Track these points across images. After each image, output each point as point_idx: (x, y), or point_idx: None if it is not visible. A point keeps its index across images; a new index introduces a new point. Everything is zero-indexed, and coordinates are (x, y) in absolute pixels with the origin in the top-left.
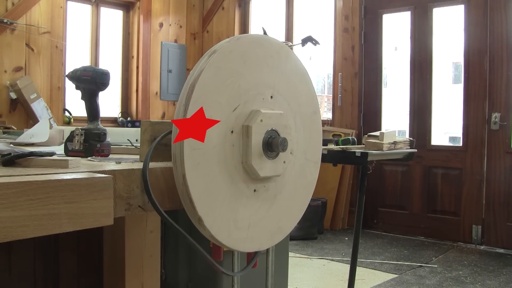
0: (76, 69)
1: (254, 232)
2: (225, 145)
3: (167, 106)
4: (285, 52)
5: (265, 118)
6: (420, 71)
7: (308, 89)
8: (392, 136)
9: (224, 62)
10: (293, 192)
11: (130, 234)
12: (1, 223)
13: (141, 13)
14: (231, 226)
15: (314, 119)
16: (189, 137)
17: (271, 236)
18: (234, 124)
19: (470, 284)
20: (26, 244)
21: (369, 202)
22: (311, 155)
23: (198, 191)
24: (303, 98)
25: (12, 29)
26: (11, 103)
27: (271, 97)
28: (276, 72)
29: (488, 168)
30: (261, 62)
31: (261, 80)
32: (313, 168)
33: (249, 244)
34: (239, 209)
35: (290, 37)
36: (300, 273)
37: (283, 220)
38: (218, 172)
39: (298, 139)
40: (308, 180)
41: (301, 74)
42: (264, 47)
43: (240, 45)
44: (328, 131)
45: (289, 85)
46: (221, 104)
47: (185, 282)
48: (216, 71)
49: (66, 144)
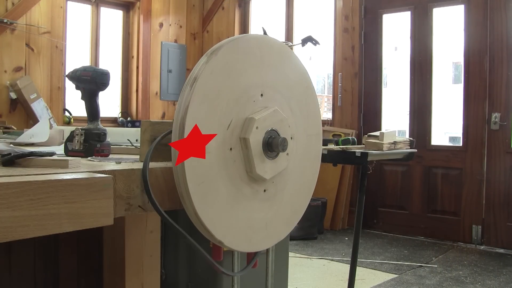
0: (76, 69)
1: (272, 228)
2: (227, 163)
3: (167, 106)
4: (262, 44)
5: (261, 123)
6: (420, 71)
7: (294, 66)
8: (392, 136)
9: (208, 86)
10: (301, 172)
11: (130, 234)
12: (1, 223)
13: (141, 13)
14: (249, 234)
15: (308, 93)
16: (191, 175)
17: (288, 222)
18: (231, 141)
19: (470, 284)
20: (26, 244)
21: (369, 202)
22: (311, 130)
23: (213, 221)
24: (292, 78)
25: (12, 29)
26: (11, 103)
27: (261, 95)
28: (261, 68)
29: (488, 168)
30: (244, 66)
31: (248, 83)
32: (315, 140)
33: (268, 240)
34: (253, 215)
35: (290, 37)
36: (300, 273)
37: (297, 202)
38: (226, 193)
39: (296, 122)
40: (313, 155)
41: (282, 55)
42: (241, 48)
43: (220, 60)
44: (328, 131)
45: (276, 73)
46: (214, 128)
47: (185, 282)
48: (202, 100)
49: (66, 144)
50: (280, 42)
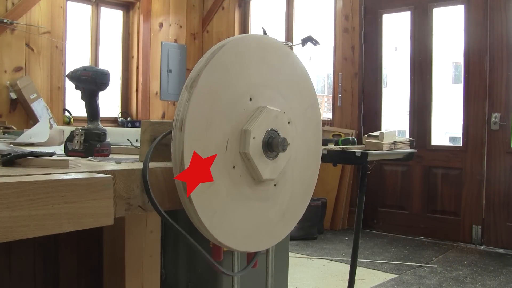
0: (76, 69)
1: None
2: (234, 180)
3: (167, 106)
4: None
5: (256, 131)
6: (420, 71)
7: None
8: (392, 136)
9: (200, 112)
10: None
11: (130, 234)
12: (1, 223)
13: (141, 13)
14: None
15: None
16: (196, 192)
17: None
18: (233, 159)
19: (470, 284)
20: (26, 244)
21: (369, 202)
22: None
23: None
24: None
25: (12, 29)
26: (11, 103)
27: (250, 99)
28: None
29: (488, 168)
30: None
31: (237, 93)
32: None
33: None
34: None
35: (290, 37)
36: (300, 273)
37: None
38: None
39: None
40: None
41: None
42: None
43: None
44: (328, 131)
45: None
46: (212, 152)
47: (185, 282)
48: (195, 144)
49: (66, 144)
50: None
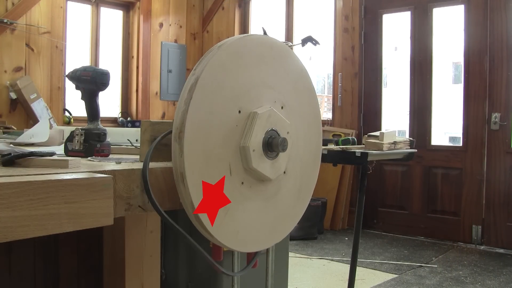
0: (76, 69)
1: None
2: (245, 194)
3: (167, 106)
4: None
5: (253, 143)
6: (420, 71)
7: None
8: (392, 136)
9: (197, 160)
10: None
11: (130, 234)
12: (1, 223)
13: (141, 13)
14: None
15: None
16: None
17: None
18: (240, 177)
19: (470, 284)
20: (26, 244)
21: (369, 202)
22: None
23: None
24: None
25: (12, 29)
26: (11, 103)
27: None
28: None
29: (488, 168)
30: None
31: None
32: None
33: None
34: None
35: (290, 37)
36: (300, 273)
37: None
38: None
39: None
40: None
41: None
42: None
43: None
44: (328, 131)
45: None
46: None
47: (185, 282)
48: (200, 190)
49: (66, 144)
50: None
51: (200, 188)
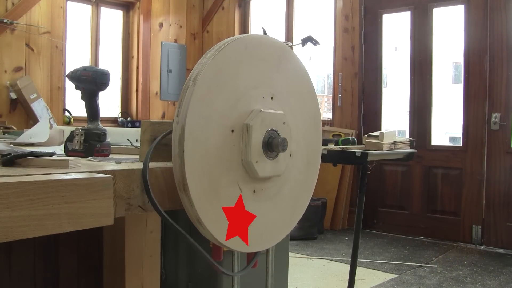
0: (76, 69)
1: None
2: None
3: (167, 106)
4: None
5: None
6: (420, 71)
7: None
8: (392, 136)
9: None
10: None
11: (130, 234)
12: (1, 223)
13: (141, 13)
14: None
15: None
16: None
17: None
18: (253, 186)
19: (470, 284)
20: (26, 244)
21: (369, 202)
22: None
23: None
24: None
25: (12, 29)
26: (11, 103)
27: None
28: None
29: (488, 168)
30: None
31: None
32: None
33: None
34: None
35: (290, 37)
36: (300, 273)
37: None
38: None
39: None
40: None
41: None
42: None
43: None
44: (328, 131)
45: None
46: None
47: (185, 282)
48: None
49: (66, 144)
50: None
51: (221, 225)
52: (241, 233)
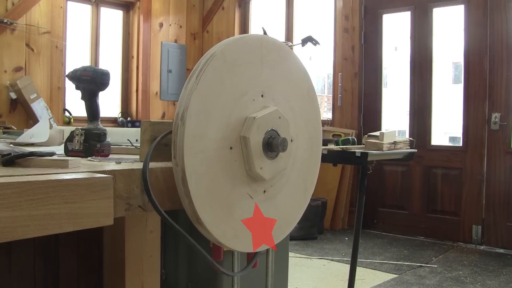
0: (76, 69)
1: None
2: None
3: (167, 106)
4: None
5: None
6: (420, 71)
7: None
8: (392, 136)
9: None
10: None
11: (130, 234)
12: (1, 223)
13: (141, 13)
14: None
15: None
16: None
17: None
18: (262, 187)
19: (470, 284)
20: (26, 244)
21: (369, 202)
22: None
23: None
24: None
25: (12, 29)
26: (11, 103)
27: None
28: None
29: (488, 168)
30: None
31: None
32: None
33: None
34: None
35: (290, 37)
36: (300, 273)
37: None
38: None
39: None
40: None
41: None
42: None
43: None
44: (328, 131)
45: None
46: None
47: (185, 282)
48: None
49: (66, 144)
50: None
51: (244, 240)
52: (266, 240)
